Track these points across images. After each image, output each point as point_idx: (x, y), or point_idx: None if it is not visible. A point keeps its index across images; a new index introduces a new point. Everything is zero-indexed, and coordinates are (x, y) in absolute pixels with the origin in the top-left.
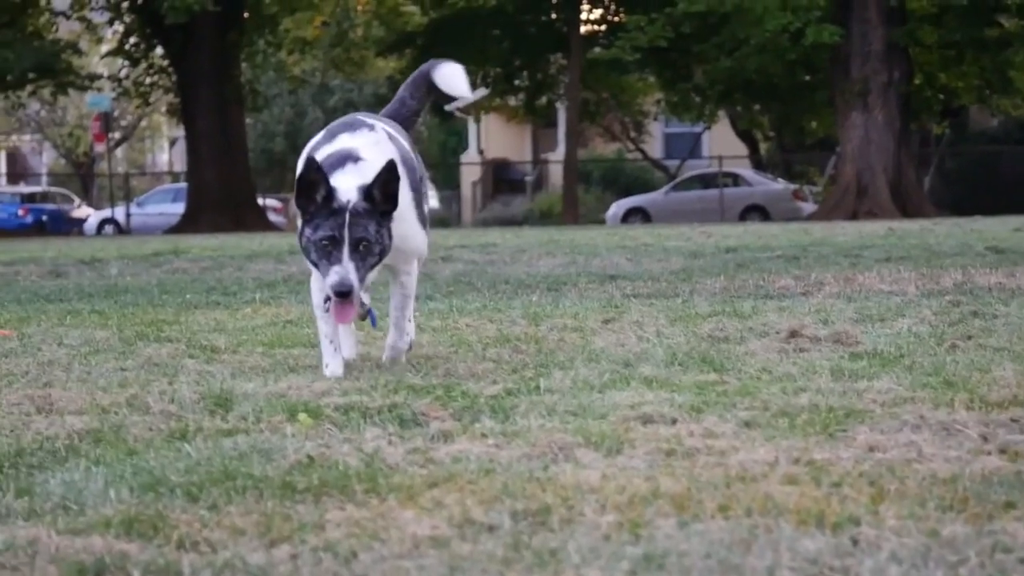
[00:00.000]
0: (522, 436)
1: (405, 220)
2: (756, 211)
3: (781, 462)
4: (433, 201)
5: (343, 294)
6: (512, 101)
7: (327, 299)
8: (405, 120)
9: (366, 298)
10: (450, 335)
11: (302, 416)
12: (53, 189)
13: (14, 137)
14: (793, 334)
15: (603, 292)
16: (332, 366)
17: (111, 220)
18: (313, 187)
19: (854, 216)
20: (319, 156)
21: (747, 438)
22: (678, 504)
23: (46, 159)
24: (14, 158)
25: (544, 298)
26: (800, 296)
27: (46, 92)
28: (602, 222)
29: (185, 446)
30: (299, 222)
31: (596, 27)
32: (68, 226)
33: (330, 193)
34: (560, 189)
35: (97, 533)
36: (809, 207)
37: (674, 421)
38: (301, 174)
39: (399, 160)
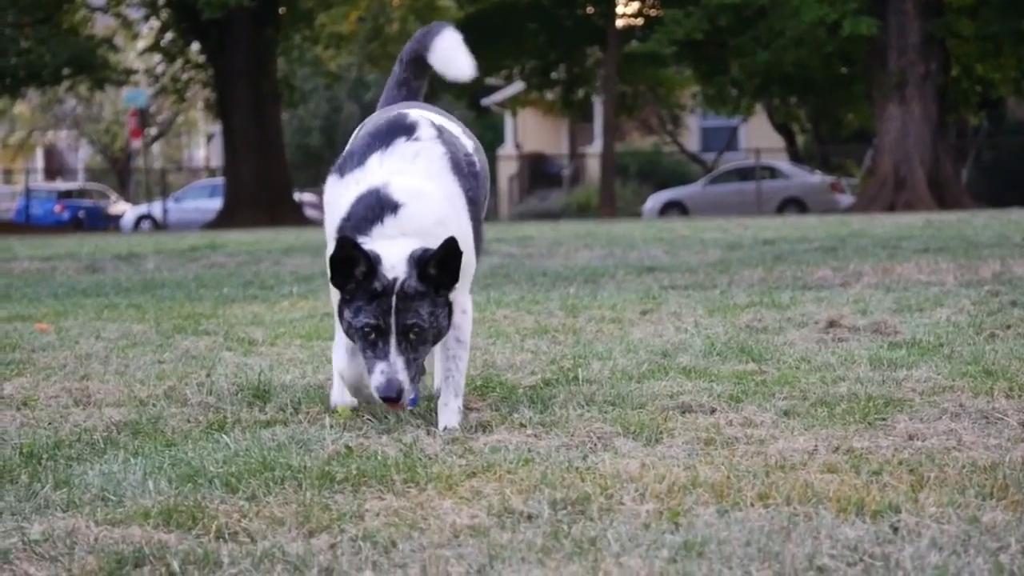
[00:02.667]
0: (561, 426)
1: (465, 247)
2: (793, 204)
3: (820, 451)
4: None
5: (391, 400)
6: (549, 95)
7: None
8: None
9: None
10: (488, 327)
11: (340, 407)
12: (90, 185)
13: (51, 133)
14: (832, 324)
15: (641, 284)
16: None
17: (148, 216)
18: (350, 265)
19: (892, 208)
20: (348, 194)
21: (786, 427)
22: (718, 492)
23: (82, 155)
24: (51, 154)
25: (582, 290)
26: (838, 287)
27: (82, 88)
28: (639, 215)
29: (223, 437)
30: (334, 297)
31: (633, 20)
32: (105, 222)
33: (372, 269)
34: (597, 183)
35: (136, 524)
36: (847, 199)
37: (713, 410)
38: (335, 254)
39: (451, 171)
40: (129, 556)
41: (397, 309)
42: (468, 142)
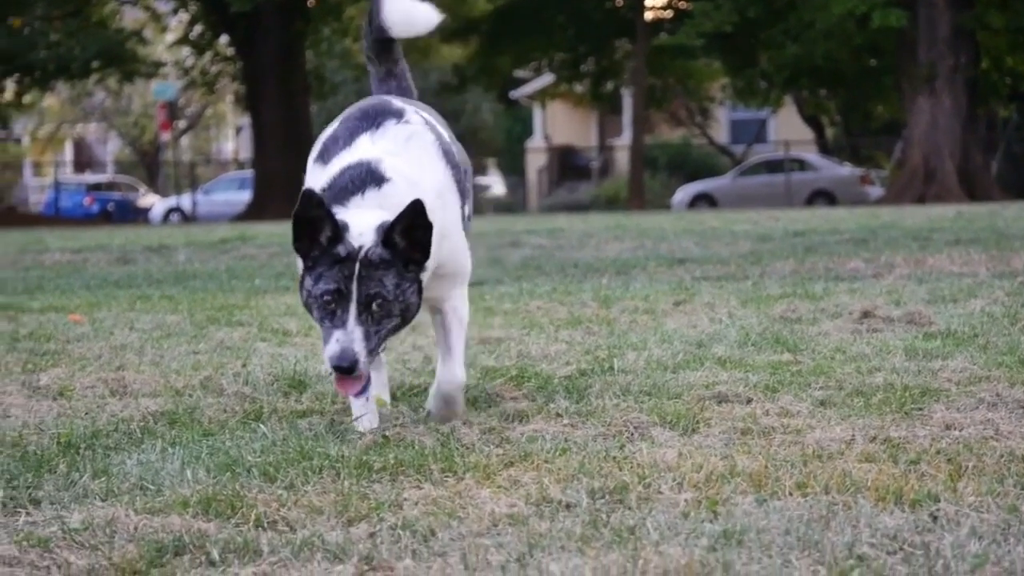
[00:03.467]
0: (597, 416)
1: (450, 237)
2: (823, 196)
3: (858, 440)
4: (498, 188)
5: (343, 370)
6: (578, 87)
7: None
8: (410, 93)
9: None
10: (522, 317)
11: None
12: (119, 178)
13: (80, 126)
14: (866, 315)
15: (672, 275)
16: (365, 418)
17: (177, 208)
18: (314, 227)
19: (921, 200)
20: (332, 169)
21: (822, 417)
22: (755, 481)
23: (111, 148)
24: (80, 147)
25: (613, 281)
26: (871, 278)
27: (111, 81)
28: (668, 208)
29: (261, 427)
30: (299, 269)
31: (661, 13)
32: (133, 214)
33: (337, 234)
34: (626, 175)
35: (175, 512)
36: (876, 191)
37: (749, 400)
38: (297, 211)
39: (441, 158)
40: (169, 544)
41: (360, 276)
42: (447, 134)
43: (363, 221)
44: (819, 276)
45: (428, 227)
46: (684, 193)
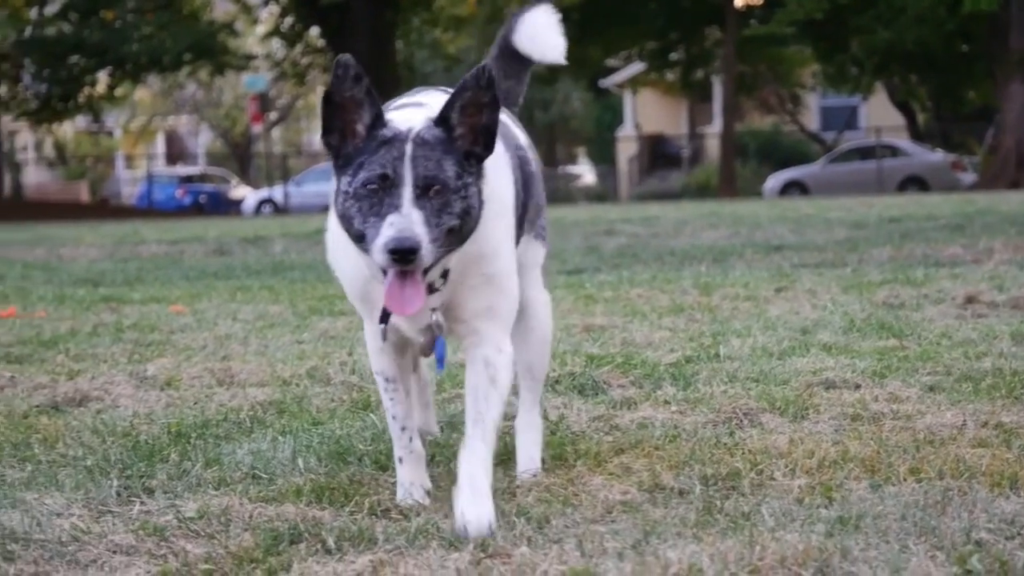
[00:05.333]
0: (705, 402)
1: (499, 256)
2: (914, 182)
3: (969, 425)
4: (589, 176)
5: (403, 253)
6: (668, 75)
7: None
8: (508, 107)
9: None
10: (623, 305)
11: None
12: (211, 170)
13: (171, 119)
14: (969, 300)
15: (770, 262)
16: (407, 479)
17: (268, 200)
18: (350, 112)
19: (1015, 185)
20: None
21: (932, 402)
22: (869, 467)
23: (203, 140)
24: (172, 140)
25: (712, 269)
26: (971, 263)
27: (203, 74)
28: (759, 195)
29: (370, 416)
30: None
31: (752, 0)
32: (225, 206)
33: (379, 119)
34: (716, 163)
35: (289, 501)
36: (969, 177)
37: (857, 386)
38: (330, 89)
39: (509, 149)
40: (285, 533)
41: (414, 157)
42: (520, 135)
43: (409, 115)
44: (918, 262)
45: (495, 106)
46: (775, 180)
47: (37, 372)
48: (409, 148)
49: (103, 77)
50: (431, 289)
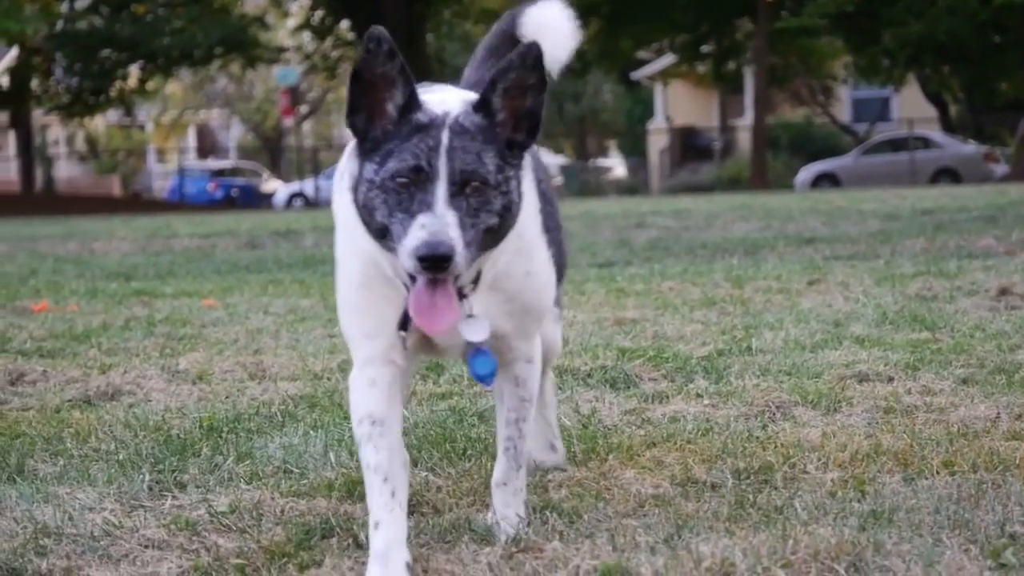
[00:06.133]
0: (737, 395)
1: (533, 251)
2: (947, 174)
3: (1003, 418)
4: (620, 169)
5: (436, 260)
6: (699, 68)
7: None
8: None
9: (478, 332)
10: (654, 298)
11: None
12: (242, 163)
13: (202, 112)
14: (1003, 292)
15: (802, 255)
16: (382, 548)
17: (300, 193)
18: (379, 92)
19: None
20: None
21: (966, 395)
22: (902, 460)
23: (234, 134)
24: (203, 133)
25: (744, 261)
26: (1004, 255)
27: (234, 67)
28: (790, 187)
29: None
30: (347, 176)
31: None
32: (257, 200)
33: (413, 100)
34: (747, 155)
35: (321, 495)
36: (1001, 169)
37: (890, 379)
38: (359, 65)
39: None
40: (316, 527)
41: (450, 148)
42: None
43: (445, 96)
44: (951, 254)
45: (541, 87)
46: (807, 172)
47: (69, 366)
48: (446, 137)
49: (134, 71)
50: (461, 295)
